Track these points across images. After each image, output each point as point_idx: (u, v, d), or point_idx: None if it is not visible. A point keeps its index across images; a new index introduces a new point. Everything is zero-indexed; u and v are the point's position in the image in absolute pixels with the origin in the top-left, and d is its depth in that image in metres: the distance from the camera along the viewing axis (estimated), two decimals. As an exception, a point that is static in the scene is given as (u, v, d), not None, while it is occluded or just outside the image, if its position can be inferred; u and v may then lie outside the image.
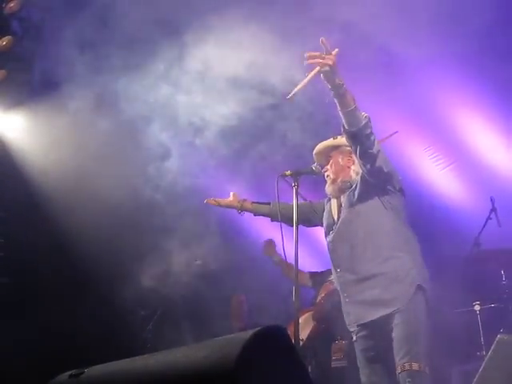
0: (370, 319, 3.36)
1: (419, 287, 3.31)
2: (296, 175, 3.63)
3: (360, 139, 3.25)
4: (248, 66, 4.26)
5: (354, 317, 3.46)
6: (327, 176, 3.72)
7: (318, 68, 3.04)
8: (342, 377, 4.45)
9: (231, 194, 4.17)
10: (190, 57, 4.55)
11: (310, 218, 3.94)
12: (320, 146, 3.79)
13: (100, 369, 2.17)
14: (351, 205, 3.54)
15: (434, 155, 6.06)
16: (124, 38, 4.55)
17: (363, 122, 3.20)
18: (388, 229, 3.45)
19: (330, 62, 3.01)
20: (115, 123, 4.89)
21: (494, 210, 5.07)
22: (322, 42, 3.03)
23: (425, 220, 4.99)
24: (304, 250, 5.41)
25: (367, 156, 3.30)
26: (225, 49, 4.29)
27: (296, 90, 3.06)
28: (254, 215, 4.17)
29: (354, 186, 3.56)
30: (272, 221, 4.03)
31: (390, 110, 5.22)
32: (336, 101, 3.18)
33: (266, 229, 5.23)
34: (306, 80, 3.04)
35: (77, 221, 4.92)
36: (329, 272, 5.10)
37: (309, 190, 4.17)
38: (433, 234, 5.00)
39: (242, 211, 4.11)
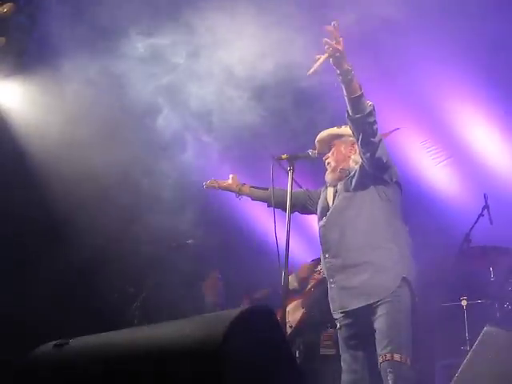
0: (353, 307, 3.38)
1: (404, 280, 3.31)
2: (292, 159, 3.62)
3: (363, 126, 3.26)
4: (264, 57, 4.24)
5: (338, 303, 3.47)
6: (328, 164, 3.73)
7: (327, 54, 3.10)
8: (329, 364, 4.47)
9: (230, 176, 4.17)
10: (202, 47, 4.52)
11: (305, 204, 3.95)
12: (323, 133, 3.80)
13: (84, 340, 2.16)
14: (347, 192, 3.55)
15: (431, 149, 6.06)
16: (131, 16, 4.50)
17: (368, 110, 3.23)
18: (380, 219, 3.45)
19: (340, 48, 3.07)
20: (117, 103, 4.84)
21: (486, 206, 5.07)
22: (333, 26, 3.07)
23: (416, 213, 4.99)
24: (296, 237, 5.41)
25: (369, 144, 3.31)
26: (239, 39, 4.27)
27: (310, 72, 3.13)
28: (252, 199, 4.17)
29: (352, 173, 3.57)
30: (269, 206, 4.02)
31: (388, 103, 5.20)
32: (343, 86, 3.22)
33: (261, 214, 5.22)
34: (317, 64, 3.11)
35: (67, 193, 4.91)
36: (316, 262, 5.13)
37: (305, 177, 4.16)
38: (424, 227, 5.00)
39: (240, 195, 4.13)
